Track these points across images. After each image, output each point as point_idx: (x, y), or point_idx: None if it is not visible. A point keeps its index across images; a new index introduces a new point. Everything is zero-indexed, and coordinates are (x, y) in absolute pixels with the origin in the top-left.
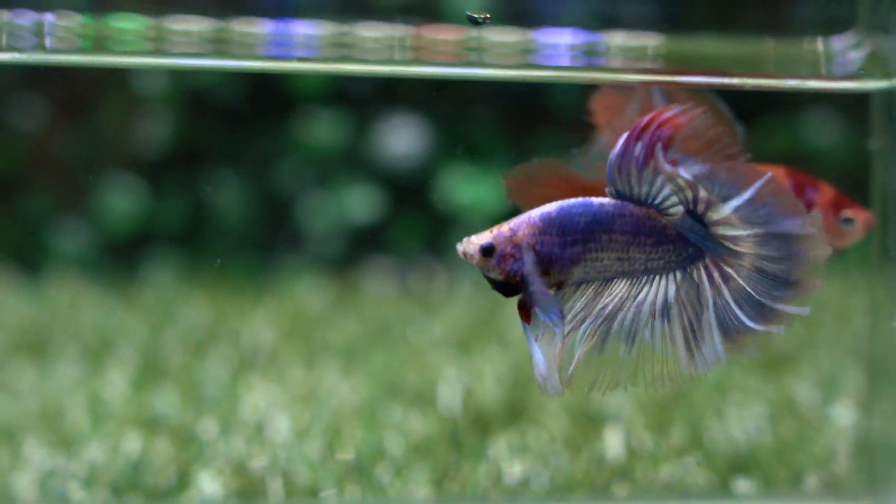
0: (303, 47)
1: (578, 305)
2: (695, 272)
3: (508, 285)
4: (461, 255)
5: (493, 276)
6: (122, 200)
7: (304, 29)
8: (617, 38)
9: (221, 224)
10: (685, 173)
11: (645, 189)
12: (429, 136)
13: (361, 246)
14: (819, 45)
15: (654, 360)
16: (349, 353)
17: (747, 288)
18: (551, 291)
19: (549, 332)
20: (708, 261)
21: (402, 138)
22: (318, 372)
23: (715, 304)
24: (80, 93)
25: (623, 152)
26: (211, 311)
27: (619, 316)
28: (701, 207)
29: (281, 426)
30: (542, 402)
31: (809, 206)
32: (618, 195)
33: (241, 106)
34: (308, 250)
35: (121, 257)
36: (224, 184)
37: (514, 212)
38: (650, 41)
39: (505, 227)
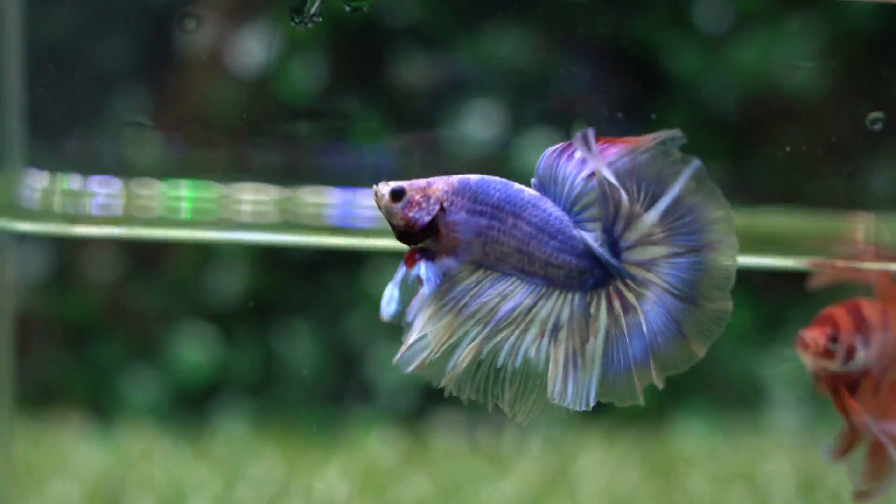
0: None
1: (469, 292)
2: (594, 299)
3: (408, 234)
4: (373, 195)
5: (395, 221)
6: (194, 350)
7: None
8: None
9: (293, 375)
10: (608, 172)
11: (566, 190)
12: None
13: (431, 399)
14: None
15: (531, 383)
16: None
17: (647, 322)
18: (439, 259)
19: (421, 298)
20: (611, 289)
21: None
22: None
23: (607, 336)
24: (154, 243)
25: (562, 149)
26: (283, 464)
27: (510, 324)
28: (619, 227)
29: None
30: None
31: None
32: (539, 187)
33: (313, 257)
34: (378, 402)
35: (193, 407)
36: (296, 334)
37: None
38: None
39: (423, 180)
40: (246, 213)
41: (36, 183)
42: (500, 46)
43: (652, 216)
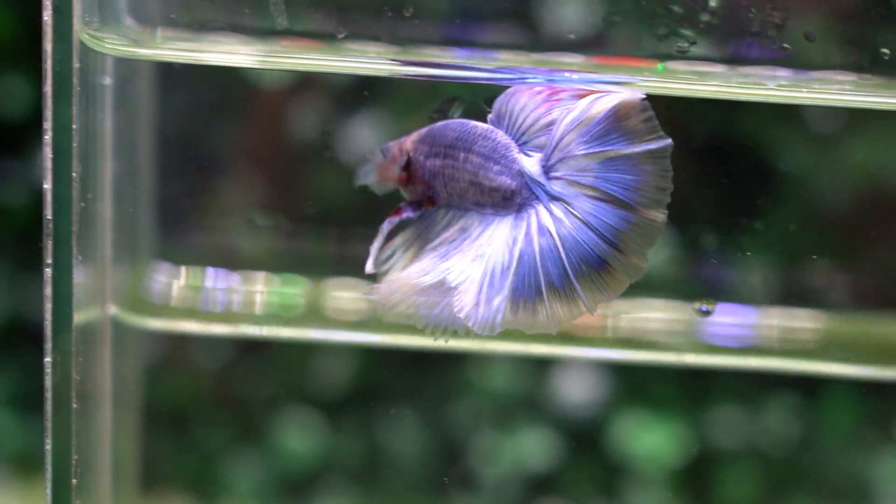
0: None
1: (437, 232)
2: (518, 222)
3: (398, 185)
4: (372, 160)
5: (380, 174)
6: (299, 437)
7: None
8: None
9: (397, 463)
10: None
11: (520, 121)
12: (604, 382)
13: (536, 491)
14: None
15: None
16: None
17: (563, 249)
18: (425, 208)
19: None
20: (533, 211)
21: (577, 384)
22: None
23: (520, 258)
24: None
25: (521, 88)
26: None
27: (455, 255)
28: (555, 157)
29: None
30: None
31: None
32: (495, 121)
33: (419, 348)
34: (482, 493)
35: (296, 494)
36: (400, 422)
37: None
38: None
39: (407, 135)
40: (348, 310)
41: (163, 276)
42: None
43: (585, 153)
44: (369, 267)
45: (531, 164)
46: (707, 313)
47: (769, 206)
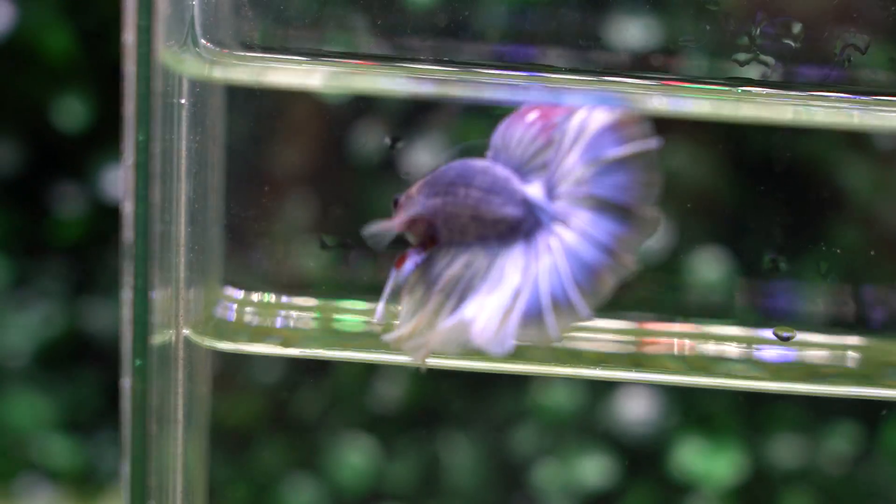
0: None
1: (444, 272)
2: (534, 243)
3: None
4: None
5: (396, 225)
6: (354, 459)
7: None
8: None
9: (454, 487)
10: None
11: (518, 152)
12: (664, 405)
13: None
14: None
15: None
16: None
17: (576, 247)
18: (428, 250)
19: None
20: (539, 234)
21: (636, 406)
22: None
23: (532, 280)
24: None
25: (514, 118)
26: None
27: (467, 292)
28: (556, 177)
29: None
30: None
31: None
32: (494, 156)
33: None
34: None
35: None
36: (458, 446)
37: None
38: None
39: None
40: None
41: (232, 298)
42: (672, 160)
43: (581, 167)
44: (378, 316)
45: (534, 190)
46: (787, 339)
47: (833, 228)
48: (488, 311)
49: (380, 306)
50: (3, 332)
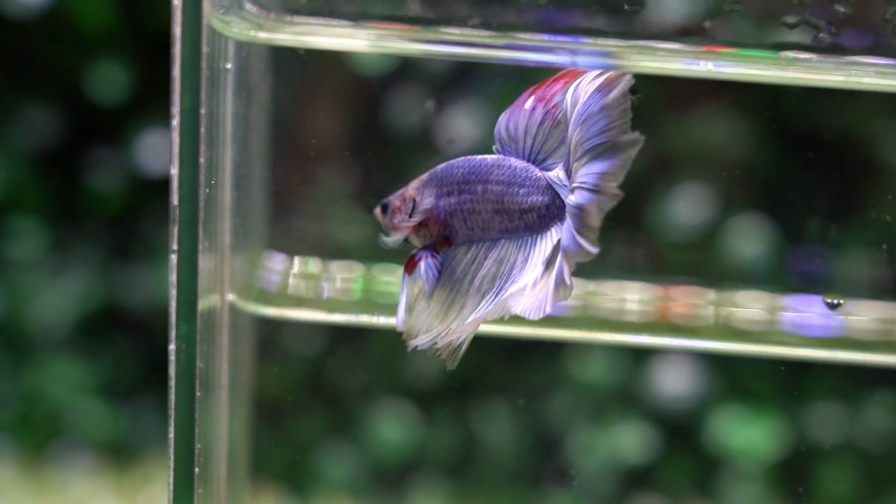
0: None
1: (470, 269)
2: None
3: (409, 237)
4: (376, 217)
5: (391, 232)
6: (393, 428)
7: None
8: None
9: (491, 456)
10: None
11: (528, 142)
12: (702, 375)
13: (631, 485)
14: None
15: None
16: None
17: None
18: (443, 250)
19: (422, 288)
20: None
21: (674, 377)
22: None
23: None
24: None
25: (513, 109)
26: None
27: (511, 287)
28: (568, 156)
29: None
30: None
31: None
32: (502, 150)
33: (515, 338)
34: (577, 487)
35: (389, 485)
36: (495, 415)
37: None
38: None
39: (404, 187)
40: None
41: (275, 265)
42: (711, 132)
43: (579, 135)
44: (400, 324)
45: (557, 173)
46: (836, 307)
47: (872, 197)
48: (527, 291)
49: (400, 313)
50: (40, 301)
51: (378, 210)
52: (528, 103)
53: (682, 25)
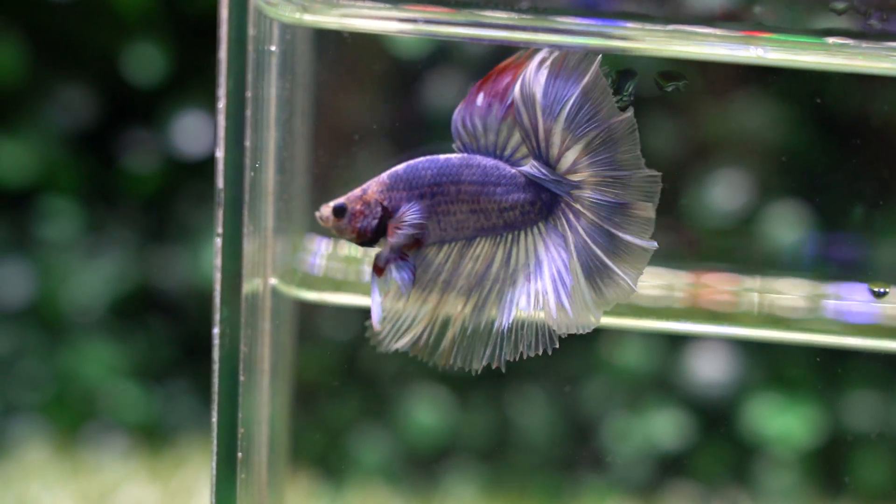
0: None
1: (443, 268)
2: (557, 221)
3: (365, 242)
4: (318, 220)
5: (347, 237)
6: (427, 412)
7: None
8: None
9: (525, 441)
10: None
11: (491, 138)
12: (737, 363)
13: (666, 471)
14: None
15: (528, 326)
16: None
17: (594, 217)
18: (412, 252)
19: (396, 290)
20: (563, 204)
21: (710, 363)
22: None
23: (577, 247)
24: None
25: (466, 106)
26: None
27: (494, 285)
28: (543, 148)
29: None
30: None
31: None
32: (464, 149)
33: None
34: (612, 473)
35: (424, 469)
36: (530, 401)
37: None
38: None
39: (359, 189)
40: None
41: (318, 248)
42: (750, 117)
43: (561, 124)
44: (376, 324)
45: (530, 169)
46: (882, 295)
47: None
48: (552, 296)
49: (375, 314)
50: (75, 282)
51: (327, 213)
52: (480, 99)
53: (729, 11)
